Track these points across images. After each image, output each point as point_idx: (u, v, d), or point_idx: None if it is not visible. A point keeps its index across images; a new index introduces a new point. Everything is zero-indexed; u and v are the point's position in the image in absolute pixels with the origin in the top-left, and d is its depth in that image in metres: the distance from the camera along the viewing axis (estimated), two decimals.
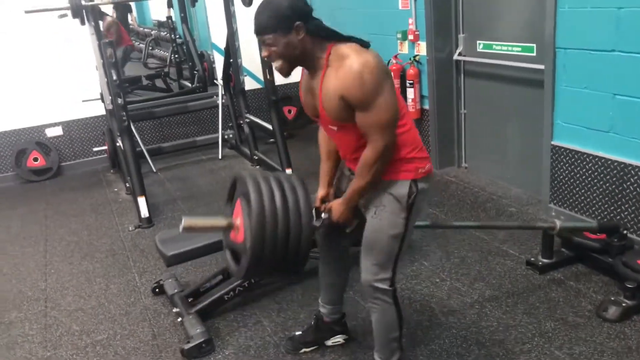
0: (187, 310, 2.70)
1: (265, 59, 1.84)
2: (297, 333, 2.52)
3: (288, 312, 2.79)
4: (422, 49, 4.30)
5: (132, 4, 8.77)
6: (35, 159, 5.38)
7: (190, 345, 2.48)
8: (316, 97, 1.86)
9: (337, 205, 1.98)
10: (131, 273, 3.36)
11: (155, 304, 2.98)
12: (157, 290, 3.06)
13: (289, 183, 1.89)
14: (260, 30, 1.79)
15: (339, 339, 2.46)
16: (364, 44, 1.81)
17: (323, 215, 2.02)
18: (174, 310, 2.78)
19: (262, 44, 1.83)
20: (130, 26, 9.16)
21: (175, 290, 2.91)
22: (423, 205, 2.02)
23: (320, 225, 2.01)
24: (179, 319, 2.71)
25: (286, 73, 1.87)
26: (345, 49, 1.77)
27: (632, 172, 2.90)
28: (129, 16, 8.97)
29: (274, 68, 1.86)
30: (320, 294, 2.42)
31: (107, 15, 7.08)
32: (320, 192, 2.14)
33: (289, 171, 4.45)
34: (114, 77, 3.97)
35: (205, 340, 2.51)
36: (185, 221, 1.91)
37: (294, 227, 1.81)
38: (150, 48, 8.82)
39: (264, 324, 2.71)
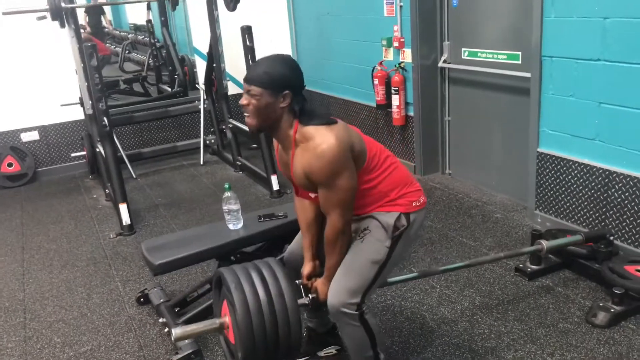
0: (175, 320, 2.64)
1: (241, 106, 1.87)
2: None
3: None
4: (407, 56, 4.31)
5: (108, 7, 8.66)
6: (10, 165, 5.24)
7: (179, 356, 2.42)
8: (289, 170, 1.95)
9: (321, 286, 2.02)
10: (114, 282, 3.27)
11: (141, 314, 2.91)
12: (142, 299, 2.99)
13: (271, 274, 1.88)
14: (251, 80, 1.82)
15: (331, 349, 2.42)
16: (329, 122, 1.84)
17: (311, 295, 2.05)
18: (160, 320, 2.71)
19: (246, 92, 1.85)
20: (105, 29, 9.02)
21: (161, 300, 2.84)
22: (416, 236, 2.09)
23: (309, 303, 2.05)
24: (166, 330, 2.64)
25: (254, 129, 1.90)
26: (311, 129, 1.82)
27: (617, 179, 2.94)
28: (103, 19, 8.84)
29: (245, 119, 1.89)
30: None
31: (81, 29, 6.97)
32: (306, 268, 2.11)
33: (274, 177, 4.41)
34: (96, 81, 3.87)
35: (194, 351, 2.45)
36: (176, 332, 1.88)
37: (282, 322, 1.82)
38: (127, 52, 8.69)
39: None
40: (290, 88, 1.82)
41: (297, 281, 2.08)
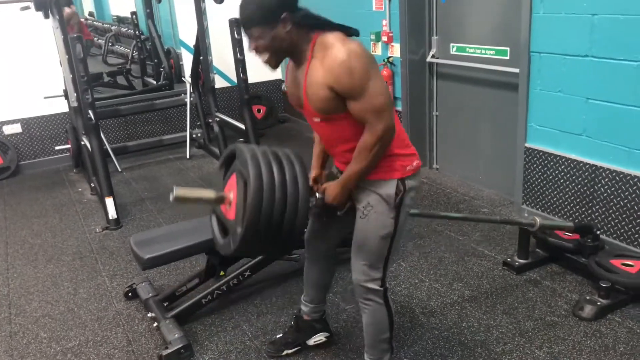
0: (164, 315, 2.62)
1: (252, 52, 1.80)
2: (278, 336, 2.48)
3: (268, 315, 2.74)
4: (395, 50, 4.31)
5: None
6: None
7: (169, 350, 2.40)
8: (300, 88, 1.82)
9: (332, 187, 1.92)
10: (101, 277, 3.24)
11: (129, 309, 2.88)
12: (129, 294, 2.96)
13: (288, 160, 1.79)
14: (246, 24, 1.75)
15: (321, 337, 2.42)
16: (351, 33, 1.78)
17: (317, 195, 1.97)
18: (149, 315, 2.69)
19: (248, 37, 1.78)
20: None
21: (150, 295, 2.81)
22: (413, 202, 2.00)
23: (313, 205, 1.97)
24: (155, 324, 2.62)
25: (274, 66, 1.83)
26: (330, 38, 1.74)
27: (604, 174, 2.98)
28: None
29: (261, 61, 1.81)
30: (303, 292, 2.38)
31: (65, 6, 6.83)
32: (313, 172, 2.10)
33: None
34: (82, 73, 3.82)
35: (184, 346, 2.43)
36: (177, 190, 1.78)
37: (291, 207, 1.72)
38: (110, 44, 8.58)
39: (244, 328, 2.65)
40: (285, 9, 1.71)
41: None
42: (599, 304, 2.55)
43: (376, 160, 1.80)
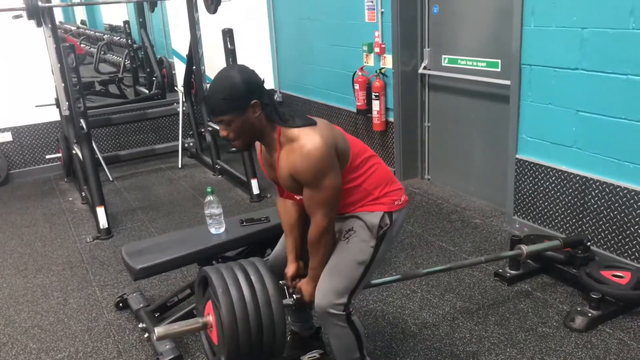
0: (155, 325, 2.60)
1: (223, 138, 1.86)
2: None
3: None
4: (387, 61, 4.34)
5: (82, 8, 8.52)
6: None
7: None
8: (275, 172, 1.93)
9: (305, 286, 2.01)
10: (91, 287, 3.21)
11: (119, 319, 2.86)
12: (120, 304, 2.94)
13: (256, 272, 1.88)
14: (215, 113, 1.80)
15: (315, 354, 2.41)
16: (311, 123, 1.84)
17: (295, 295, 2.05)
18: (140, 325, 2.67)
19: (218, 124, 1.83)
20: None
21: (141, 305, 2.80)
22: (397, 235, 2.10)
23: (293, 304, 2.05)
24: (146, 335, 2.60)
25: (245, 149, 1.97)
26: (294, 131, 1.81)
27: (594, 185, 3.00)
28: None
29: (232, 143, 1.89)
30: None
31: None
32: (290, 269, 2.11)
33: (254, 181, 4.39)
34: (74, 82, 3.81)
35: (175, 357, 2.42)
36: (159, 331, 1.84)
37: (267, 324, 1.81)
38: (102, 52, 8.57)
39: None
40: (253, 95, 1.77)
41: (280, 282, 2.07)
42: (589, 315, 2.56)
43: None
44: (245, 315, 1.77)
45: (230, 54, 4.35)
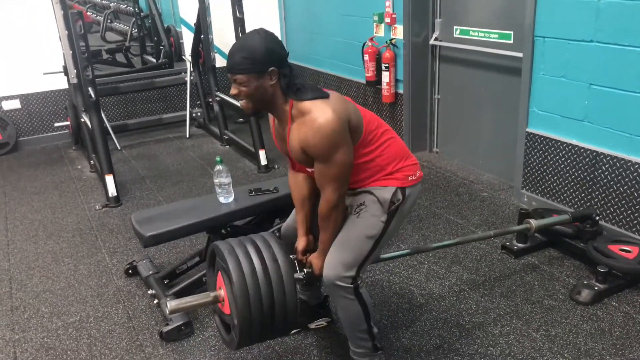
0: (164, 292, 2.64)
1: (233, 96, 1.84)
2: None
3: None
4: (398, 32, 4.28)
5: None
6: None
7: (169, 327, 2.42)
8: (286, 144, 1.92)
9: (315, 260, 2.02)
10: (101, 253, 3.25)
11: (129, 286, 2.90)
12: (130, 271, 2.97)
13: (267, 246, 1.90)
14: (233, 69, 1.78)
15: (322, 322, 2.45)
16: (323, 96, 1.82)
17: (306, 270, 2.06)
18: (150, 292, 2.71)
19: (232, 81, 1.81)
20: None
21: (150, 272, 2.83)
22: (410, 210, 2.08)
23: (303, 278, 2.05)
24: (155, 301, 2.64)
25: (251, 114, 1.92)
26: (307, 104, 1.79)
27: (604, 160, 2.98)
28: None
29: (240, 104, 1.87)
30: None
31: None
32: (300, 243, 2.11)
33: (262, 152, 4.39)
34: (83, 49, 3.78)
35: (184, 323, 2.45)
36: (170, 305, 1.87)
37: (279, 297, 1.83)
38: (109, 21, 8.48)
39: None
40: (273, 63, 1.76)
41: (291, 256, 2.08)
42: (596, 288, 2.57)
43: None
44: (257, 289, 1.79)
45: (239, 22, 4.31)
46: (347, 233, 1.96)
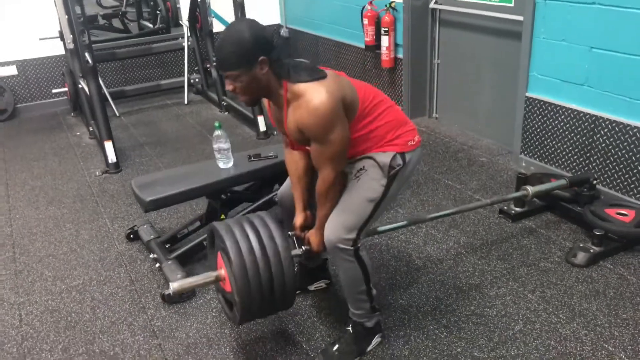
0: (166, 256, 2.67)
1: (230, 92, 1.86)
2: None
3: None
4: None
5: None
6: None
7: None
8: (283, 126, 1.92)
9: (314, 237, 2.04)
10: (102, 219, 3.28)
11: (130, 250, 2.93)
12: (131, 236, 3.00)
13: (264, 225, 1.93)
14: (223, 66, 1.78)
15: (321, 283, 2.50)
16: (317, 76, 1.81)
17: (304, 247, 2.08)
18: (151, 256, 2.74)
19: (225, 78, 1.81)
20: None
21: (151, 237, 2.86)
22: (411, 175, 2.10)
23: (302, 254, 2.07)
24: (157, 265, 2.68)
25: (251, 105, 1.97)
26: (301, 86, 1.79)
27: (603, 124, 2.98)
28: None
29: (239, 97, 1.88)
30: None
31: None
32: (298, 219, 2.12)
33: (260, 118, 4.38)
34: (78, 14, 3.74)
35: None
36: (174, 286, 1.91)
37: (277, 274, 1.86)
38: None
39: None
40: (261, 52, 1.75)
41: (289, 232, 2.11)
42: (591, 251, 2.60)
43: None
44: (255, 267, 1.83)
45: None
46: (347, 197, 1.98)
